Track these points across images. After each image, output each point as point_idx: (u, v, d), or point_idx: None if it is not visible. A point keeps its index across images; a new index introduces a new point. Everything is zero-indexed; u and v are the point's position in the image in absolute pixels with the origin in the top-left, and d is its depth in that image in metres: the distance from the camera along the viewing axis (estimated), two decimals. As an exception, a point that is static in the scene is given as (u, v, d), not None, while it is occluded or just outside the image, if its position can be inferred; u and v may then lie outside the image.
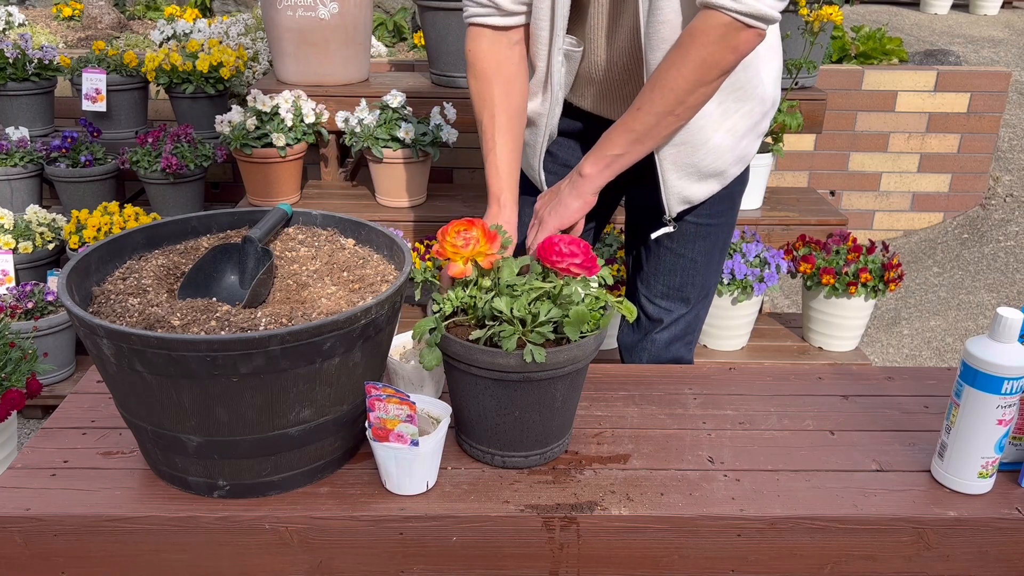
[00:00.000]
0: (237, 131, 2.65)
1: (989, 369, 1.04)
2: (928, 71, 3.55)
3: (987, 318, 3.21)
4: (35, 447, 1.19)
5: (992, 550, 1.10)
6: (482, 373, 1.07)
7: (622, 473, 1.16)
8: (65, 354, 2.58)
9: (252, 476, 1.07)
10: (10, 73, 3.15)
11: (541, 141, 1.53)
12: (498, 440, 1.14)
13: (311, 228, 1.34)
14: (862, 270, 2.38)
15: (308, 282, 1.21)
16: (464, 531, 1.08)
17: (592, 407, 1.31)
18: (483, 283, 1.13)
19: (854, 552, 1.10)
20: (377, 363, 1.13)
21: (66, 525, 1.06)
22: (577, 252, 1.09)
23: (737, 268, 2.36)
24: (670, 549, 1.10)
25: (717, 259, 1.63)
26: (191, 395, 0.99)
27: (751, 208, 2.80)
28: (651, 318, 1.65)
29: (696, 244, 1.57)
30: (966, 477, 1.11)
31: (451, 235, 1.11)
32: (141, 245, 1.26)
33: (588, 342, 1.08)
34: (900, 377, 1.42)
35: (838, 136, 3.62)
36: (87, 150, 3.08)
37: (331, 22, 2.77)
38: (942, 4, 5.07)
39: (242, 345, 0.94)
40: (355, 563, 1.09)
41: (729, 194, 1.54)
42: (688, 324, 1.67)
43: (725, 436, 1.25)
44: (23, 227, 2.81)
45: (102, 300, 1.13)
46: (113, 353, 0.98)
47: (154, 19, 5.12)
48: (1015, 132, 3.96)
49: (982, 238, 3.65)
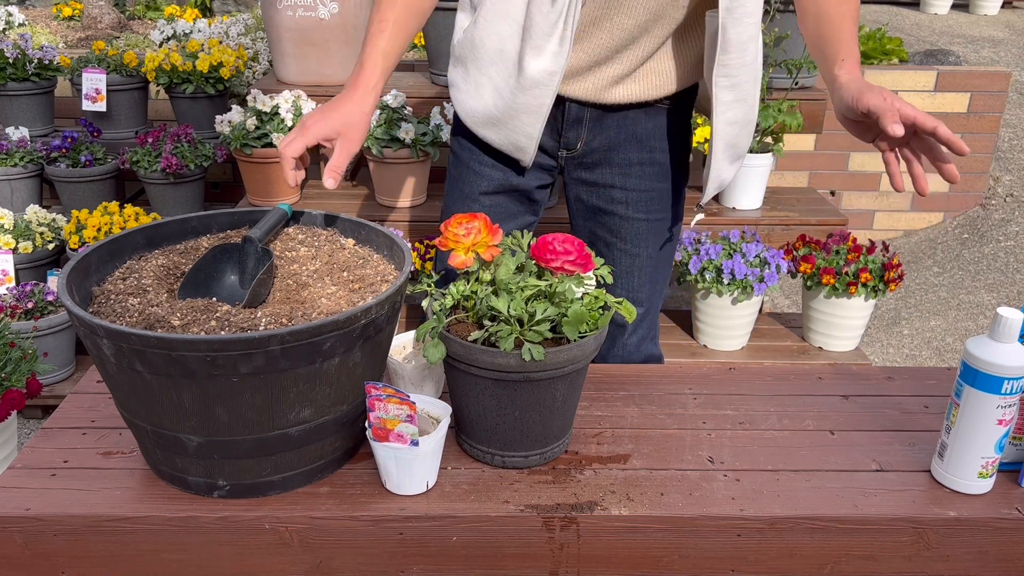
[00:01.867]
0: (237, 131, 2.65)
1: (989, 369, 1.04)
2: (928, 71, 3.55)
3: (987, 318, 3.21)
4: (35, 447, 1.19)
5: (992, 550, 1.10)
6: (482, 373, 1.07)
7: (622, 473, 1.16)
8: (65, 354, 2.58)
9: (252, 476, 1.07)
10: (10, 73, 3.15)
11: (548, 104, 1.41)
12: (498, 440, 1.14)
13: (311, 228, 1.34)
14: (862, 270, 2.38)
15: (308, 282, 1.21)
16: (464, 531, 1.08)
17: (592, 407, 1.31)
18: (483, 276, 1.13)
19: (854, 552, 1.10)
20: (377, 363, 1.13)
21: (66, 525, 1.06)
22: (571, 250, 1.09)
23: (737, 268, 2.36)
24: (670, 549, 1.10)
25: (670, 252, 1.64)
26: (191, 395, 0.99)
27: (751, 208, 2.80)
28: (617, 324, 1.65)
29: (649, 241, 1.58)
30: (966, 477, 1.11)
31: (453, 225, 1.11)
32: (141, 245, 1.26)
33: (588, 342, 1.08)
34: (900, 377, 1.42)
35: (838, 136, 3.62)
36: (87, 150, 3.08)
37: (331, 22, 2.77)
38: (942, 4, 5.07)
39: (242, 345, 0.94)
40: (355, 563, 1.09)
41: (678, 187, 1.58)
42: (651, 320, 1.69)
43: (725, 436, 1.25)
44: (23, 227, 2.81)
45: (102, 300, 1.13)
46: (113, 353, 0.98)
47: (154, 19, 5.12)
48: (1015, 132, 3.96)
49: (982, 238, 3.65)
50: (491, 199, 1.56)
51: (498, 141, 1.48)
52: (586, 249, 1.11)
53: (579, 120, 1.49)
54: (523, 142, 1.46)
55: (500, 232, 1.13)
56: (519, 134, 1.45)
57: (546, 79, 1.38)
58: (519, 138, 1.45)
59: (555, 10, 1.33)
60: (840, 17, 1.32)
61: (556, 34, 1.34)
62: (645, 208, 1.55)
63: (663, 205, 1.57)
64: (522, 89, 1.40)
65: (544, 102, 1.40)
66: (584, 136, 1.51)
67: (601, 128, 1.50)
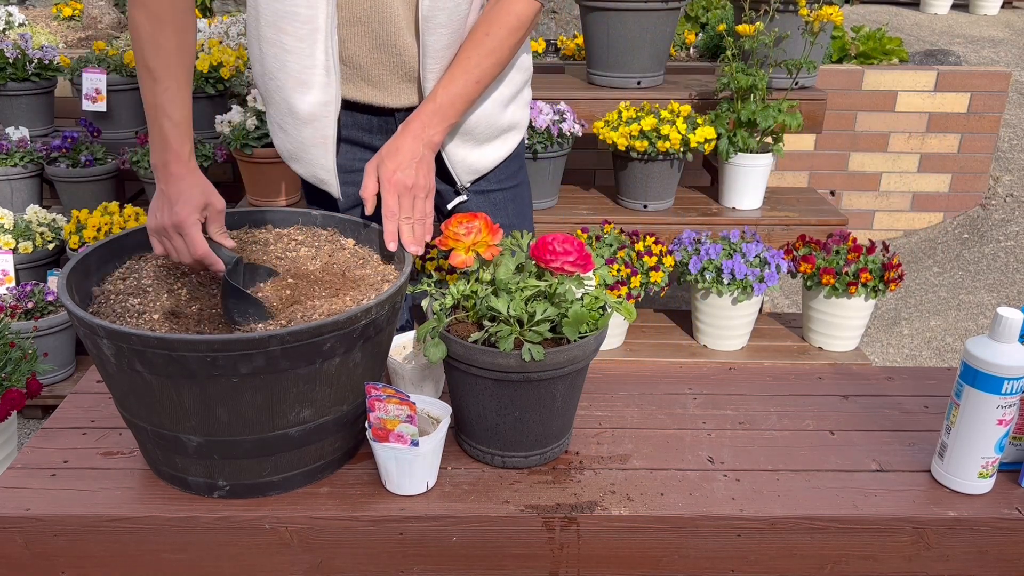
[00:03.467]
0: (237, 131, 2.65)
1: (989, 369, 1.04)
2: (928, 71, 3.55)
3: (987, 318, 3.21)
4: (35, 447, 1.19)
5: (992, 550, 1.10)
6: (482, 373, 1.07)
7: (622, 473, 1.16)
8: (65, 354, 2.58)
9: (252, 476, 1.07)
10: (10, 73, 3.15)
11: (331, 135, 1.39)
12: (498, 440, 1.14)
13: (311, 228, 1.35)
14: (862, 270, 2.38)
15: (308, 282, 1.21)
16: (464, 531, 1.08)
17: (592, 407, 1.31)
18: (483, 276, 1.13)
19: (854, 552, 1.10)
20: (377, 363, 1.13)
21: (66, 525, 1.06)
22: (571, 250, 1.09)
23: (737, 268, 2.36)
24: (670, 549, 1.10)
25: (528, 216, 1.66)
26: (191, 395, 0.99)
27: (751, 208, 2.80)
28: None
29: (508, 208, 1.59)
30: (966, 477, 1.11)
31: (454, 224, 1.11)
32: (141, 245, 1.26)
33: (588, 342, 1.08)
34: (900, 377, 1.42)
35: (838, 136, 3.62)
36: (87, 150, 3.08)
37: (331, 22, 2.76)
38: (942, 4, 5.07)
39: (242, 345, 0.94)
40: (355, 563, 1.09)
41: (517, 155, 1.59)
42: None
43: (725, 436, 1.25)
44: (23, 227, 2.81)
45: (102, 300, 1.13)
46: (113, 353, 0.98)
47: (154, 19, 5.11)
48: (1015, 132, 3.96)
49: (982, 238, 3.65)
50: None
51: (305, 174, 1.48)
52: (586, 249, 1.11)
53: (384, 127, 1.48)
54: (322, 175, 1.45)
55: (500, 231, 1.14)
56: (316, 167, 1.44)
57: (321, 111, 1.37)
58: (317, 171, 1.45)
59: (309, 43, 1.31)
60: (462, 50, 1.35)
61: (319, 66, 1.33)
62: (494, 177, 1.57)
63: (509, 173, 1.59)
64: (303, 123, 1.39)
65: (327, 134, 1.39)
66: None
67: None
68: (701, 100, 2.87)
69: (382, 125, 1.48)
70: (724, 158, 2.70)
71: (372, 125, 1.48)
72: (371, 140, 1.49)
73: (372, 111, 1.46)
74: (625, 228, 2.56)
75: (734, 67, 2.69)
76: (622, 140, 2.62)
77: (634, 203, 2.79)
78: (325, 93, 1.35)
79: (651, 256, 2.41)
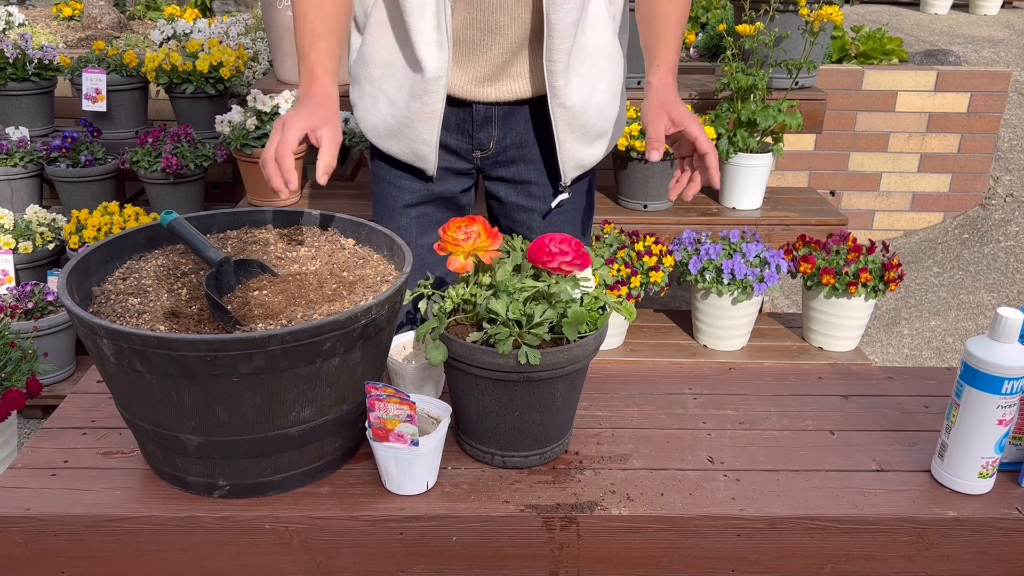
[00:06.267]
0: (237, 131, 2.65)
1: (989, 369, 1.04)
2: (928, 71, 3.55)
3: (987, 318, 3.21)
4: (35, 447, 1.19)
5: (992, 550, 1.10)
6: (482, 373, 1.07)
7: (622, 473, 1.16)
8: (65, 354, 2.58)
9: (252, 476, 1.07)
10: (10, 73, 3.15)
11: (440, 108, 1.44)
12: (498, 440, 1.14)
13: (311, 228, 1.35)
14: (862, 270, 2.38)
15: (308, 282, 1.21)
16: (464, 531, 1.08)
17: (592, 407, 1.31)
18: (482, 279, 1.13)
19: (854, 552, 1.10)
20: (377, 363, 1.13)
21: (66, 525, 1.06)
22: (568, 250, 1.09)
23: (737, 268, 2.36)
24: (670, 549, 1.10)
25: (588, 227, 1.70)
26: (191, 395, 0.99)
27: (751, 208, 2.80)
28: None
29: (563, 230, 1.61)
30: (966, 477, 1.11)
31: (452, 229, 1.11)
32: (141, 245, 1.26)
33: (588, 342, 1.08)
34: (900, 377, 1.42)
35: (838, 136, 3.62)
36: (87, 150, 3.08)
37: (331, 22, 2.76)
38: (942, 4, 5.07)
39: (242, 345, 0.94)
40: (355, 563, 1.09)
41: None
42: None
43: (725, 436, 1.25)
44: (23, 227, 2.81)
45: (102, 300, 1.13)
46: (113, 353, 0.98)
47: (154, 19, 5.12)
48: (1015, 132, 3.96)
49: (982, 238, 3.65)
50: (416, 210, 1.59)
51: (400, 152, 1.52)
52: (583, 248, 1.11)
53: (488, 120, 1.52)
54: (423, 150, 1.49)
55: (500, 236, 1.13)
56: (417, 142, 1.48)
57: (432, 85, 1.41)
58: (418, 146, 1.49)
59: (429, 18, 1.37)
60: (664, 18, 1.40)
61: (432, 41, 1.38)
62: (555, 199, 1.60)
63: (579, 188, 1.63)
64: (413, 97, 1.44)
65: (435, 107, 1.44)
66: (495, 135, 1.54)
67: (511, 126, 1.53)
68: (701, 100, 2.87)
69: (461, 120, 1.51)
70: (724, 158, 2.70)
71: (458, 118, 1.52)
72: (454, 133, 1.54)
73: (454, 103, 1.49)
74: (625, 228, 2.56)
75: (734, 67, 2.69)
76: (622, 140, 2.62)
77: (634, 203, 2.79)
78: (438, 68, 1.40)
79: (651, 256, 2.41)
